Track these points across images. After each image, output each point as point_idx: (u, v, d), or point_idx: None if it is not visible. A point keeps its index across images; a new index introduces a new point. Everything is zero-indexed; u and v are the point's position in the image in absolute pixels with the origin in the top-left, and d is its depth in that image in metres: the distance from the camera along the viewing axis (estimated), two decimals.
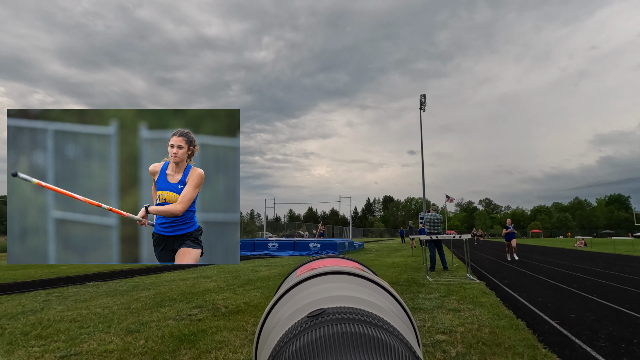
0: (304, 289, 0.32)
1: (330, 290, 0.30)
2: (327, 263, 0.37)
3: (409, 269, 9.17)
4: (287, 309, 0.29)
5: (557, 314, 4.20)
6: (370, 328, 0.23)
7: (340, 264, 0.37)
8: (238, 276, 7.57)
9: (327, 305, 0.27)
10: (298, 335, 0.23)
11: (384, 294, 0.32)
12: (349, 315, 0.25)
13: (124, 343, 3.01)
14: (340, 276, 0.33)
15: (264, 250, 16.26)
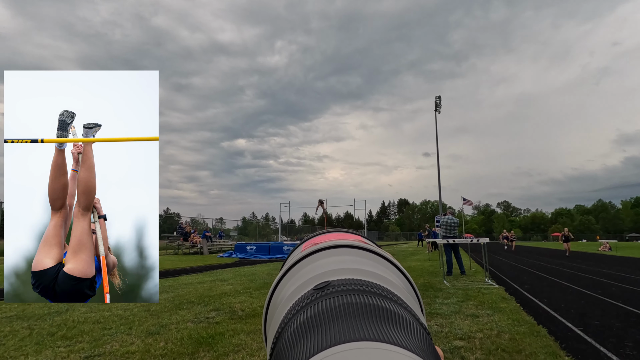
0: (309, 262, 0.32)
1: (335, 264, 0.30)
2: (331, 237, 0.38)
3: (425, 273, 9.05)
4: (293, 283, 0.30)
5: (580, 321, 4.08)
6: (375, 298, 0.23)
7: (344, 238, 0.37)
8: (254, 279, 7.64)
9: (332, 278, 0.27)
10: (305, 307, 0.24)
11: (388, 266, 0.32)
12: (354, 286, 0.25)
13: (144, 345, 3.09)
14: (344, 249, 0.33)
15: (279, 253, 16.34)
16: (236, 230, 36.10)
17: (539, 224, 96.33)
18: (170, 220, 40.17)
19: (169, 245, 20.34)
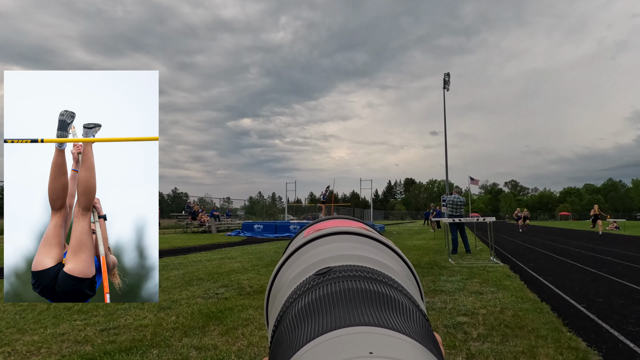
0: (310, 249, 0.32)
1: (336, 250, 0.30)
2: (333, 224, 0.38)
3: (430, 251, 9.13)
4: (295, 269, 0.30)
5: (584, 298, 4.11)
6: (376, 284, 0.24)
7: (345, 225, 0.37)
8: (261, 257, 7.79)
9: (333, 264, 0.28)
10: (306, 292, 0.24)
11: (389, 252, 0.33)
12: (355, 272, 0.25)
13: (157, 318, 3.21)
14: (346, 236, 0.33)
15: (285, 232, 16.56)
16: (243, 210, 36.54)
17: (546, 203, 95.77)
18: (179, 200, 40.72)
19: (178, 224, 20.71)
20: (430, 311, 3.46)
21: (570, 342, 2.63)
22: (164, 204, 43.43)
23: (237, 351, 2.48)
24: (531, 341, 2.64)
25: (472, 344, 2.61)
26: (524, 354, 2.41)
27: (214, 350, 2.48)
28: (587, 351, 2.47)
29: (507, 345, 2.58)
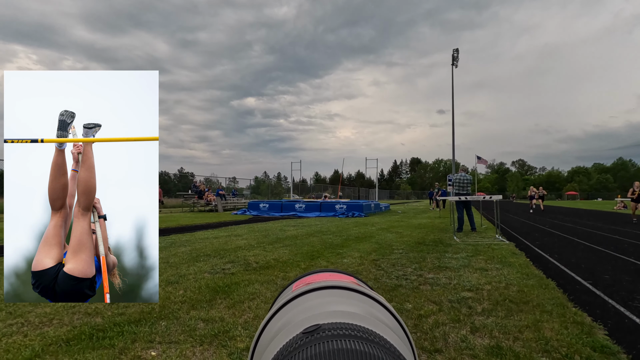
0: (299, 304, 0.32)
1: (325, 305, 0.30)
2: (323, 277, 0.37)
3: (435, 229, 9.15)
4: (283, 325, 0.29)
5: (590, 275, 4.10)
6: (366, 344, 0.23)
7: (336, 278, 0.37)
8: (267, 235, 7.87)
9: (322, 321, 0.27)
10: (293, 352, 0.23)
11: (380, 309, 0.32)
12: (345, 331, 0.24)
13: (165, 292, 3.26)
14: (336, 291, 0.33)
15: (291, 211, 16.68)
16: (249, 190, 36.76)
17: (554, 182, 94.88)
18: (185, 180, 41.00)
19: (185, 203, 20.93)
20: (434, 287, 3.47)
21: (576, 317, 2.63)
22: (171, 183, 43.81)
23: (243, 323, 2.52)
24: (536, 316, 2.64)
25: (477, 318, 2.62)
26: (529, 328, 2.42)
27: (220, 322, 2.53)
28: (592, 326, 2.47)
29: (511, 319, 2.59)
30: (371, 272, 4.15)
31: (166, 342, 2.21)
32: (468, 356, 2.02)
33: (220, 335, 2.31)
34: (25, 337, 2.27)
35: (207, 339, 2.25)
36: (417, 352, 0.32)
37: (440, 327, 2.45)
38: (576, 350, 2.07)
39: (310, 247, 6.10)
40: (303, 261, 4.77)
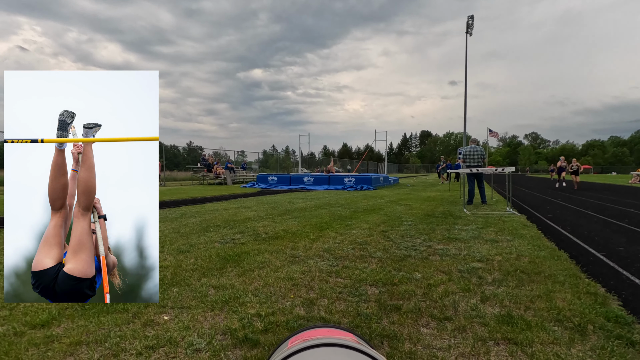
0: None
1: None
2: (321, 333, 0.35)
3: (445, 202, 9.08)
4: None
5: (604, 247, 4.03)
6: None
7: (334, 335, 0.35)
8: (276, 207, 7.92)
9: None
10: None
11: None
12: None
13: (176, 261, 3.31)
14: (334, 349, 0.31)
15: (299, 184, 16.73)
16: (257, 163, 36.86)
17: (567, 156, 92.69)
18: (194, 153, 41.21)
19: (194, 176, 21.12)
20: (444, 257, 3.46)
21: (589, 287, 2.59)
22: (180, 157, 44.13)
23: (253, 290, 2.55)
24: (548, 286, 2.61)
25: (487, 287, 2.61)
26: (540, 297, 2.39)
27: (231, 289, 2.56)
28: (606, 296, 2.43)
29: (522, 289, 2.56)
30: (380, 243, 4.14)
31: (178, 307, 2.25)
32: (478, 324, 2.01)
33: (231, 301, 2.34)
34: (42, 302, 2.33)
35: (218, 304, 2.28)
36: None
37: (449, 296, 2.44)
38: (589, 320, 2.04)
39: (318, 218, 6.12)
40: (312, 232, 4.79)
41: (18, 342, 1.80)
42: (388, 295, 2.47)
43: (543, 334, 1.87)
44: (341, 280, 2.79)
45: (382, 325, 2.00)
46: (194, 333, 1.90)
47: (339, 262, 3.31)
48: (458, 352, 1.72)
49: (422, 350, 1.74)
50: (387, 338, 1.85)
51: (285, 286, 2.64)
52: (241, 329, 1.94)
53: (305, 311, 2.20)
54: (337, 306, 2.28)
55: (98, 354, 1.68)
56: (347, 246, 3.95)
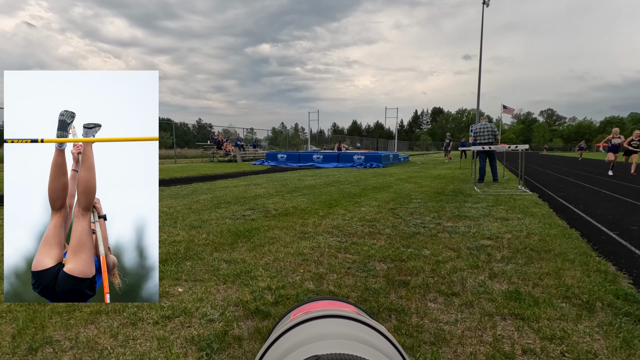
0: (297, 333, 0.31)
1: (324, 336, 0.29)
2: (323, 305, 0.37)
3: (455, 180, 9.00)
4: (280, 355, 0.29)
5: (617, 226, 3.98)
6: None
7: (336, 307, 0.36)
8: (285, 184, 7.96)
9: (321, 352, 0.26)
10: None
11: (380, 339, 0.31)
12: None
13: (189, 236, 3.39)
14: (335, 320, 0.32)
15: (308, 162, 16.72)
16: (267, 141, 36.82)
17: (583, 134, 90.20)
18: (204, 130, 41.32)
19: (204, 153, 21.27)
20: (453, 235, 3.46)
21: (599, 265, 2.58)
22: (190, 134, 44.31)
23: (264, 264, 2.61)
24: (557, 264, 2.61)
25: (496, 264, 2.62)
26: (549, 275, 2.40)
27: (242, 263, 2.62)
28: (616, 274, 2.42)
29: (531, 266, 2.57)
30: (389, 220, 4.16)
31: (192, 280, 2.32)
32: (485, 300, 2.03)
33: (243, 275, 2.40)
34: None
35: (230, 278, 2.35)
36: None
37: (458, 272, 2.46)
38: (598, 297, 2.04)
39: (328, 196, 6.15)
40: (321, 209, 4.83)
41: (42, 310, 1.89)
42: (396, 271, 2.50)
43: (550, 310, 1.89)
44: (350, 256, 2.83)
45: (389, 300, 2.04)
46: (207, 304, 1.97)
47: (347, 238, 3.35)
48: (465, 326, 1.76)
49: (429, 324, 1.78)
50: (395, 312, 1.90)
51: (295, 261, 2.69)
52: (252, 301, 2.01)
53: (315, 285, 2.25)
54: (346, 281, 2.32)
55: (117, 323, 1.77)
56: (356, 223, 3.98)
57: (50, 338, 1.63)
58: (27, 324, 1.74)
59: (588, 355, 1.50)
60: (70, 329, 1.71)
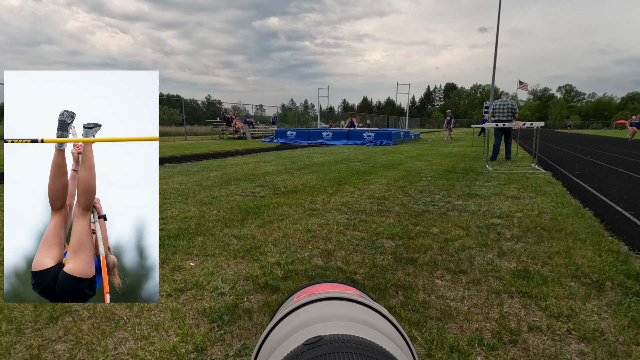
0: (301, 315, 0.32)
1: (327, 317, 0.30)
2: (326, 288, 0.38)
3: (467, 158, 8.87)
4: (284, 336, 0.30)
5: (632, 206, 3.90)
6: (367, 359, 0.23)
7: (338, 290, 0.37)
8: (294, 161, 7.96)
9: (324, 333, 0.27)
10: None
11: (382, 321, 0.32)
12: (347, 343, 0.25)
13: (200, 212, 3.45)
14: (338, 302, 0.33)
15: (318, 139, 16.62)
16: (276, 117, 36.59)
17: (602, 110, 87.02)
18: (213, 107, 41.23)
19: (214, 130, 21.30)
20: (463, 213, 3.44)
21: (612, 245, 2.54)
22: (200, 111, 44.28)
23: (273, 240, 2.65)
24: (568, 243, 2.59)
25: (505, 243, 2.61)
26: (559, 254, 2.38)
27: (252, 239, 2.67)
28: (628, 254, 2.39)
29: (541, 245, 2.55)
30: (398, 198, 4.15)
31: (203, 254, 2.38)
32: (493, 278, 2.04)
33: (252, 250, 2.45)
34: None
35: (240, 253, 2.40)
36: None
37: (466, 250, 2.46)
38: (608, 277, 2.03)
39: (337, 173, 6.14)
40: (330, 186, 4.83)
41: None
42: (404, 248, 2.51)
43: (559, 289, 1.89)
44: (358, 233, 2.85)
45: (397, 276, 2.06)
46: (218, 278, 2.02)
47: (356, 216, 3.36)
48: (471, 303, 1.77)
49: (435, 300, 1.80)
50: (402, 288, 1.92)
51: (304, 238, 2.73)
52: (262, 275, 2.05)
53: (323, 261, 2.28)
54: (354, 257, 2.35)
55: None
56: (365, 201, 3.98)
57: (69, 308, 1.71)
58: None
59: (594, 334, 1.50)
60: None
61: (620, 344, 1.45)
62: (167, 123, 31.12)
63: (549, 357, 1.37)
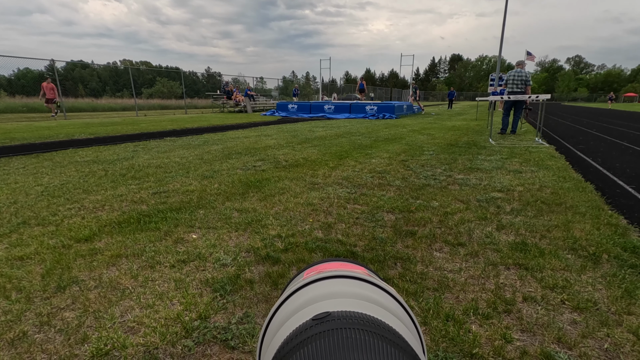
0: (309, 291, 0.33)
1: (336, 294, 0.31)
2: (335, 266, 0.38)
3: (470, 131, 8.77)
4: (293, 311, 0.30)
5: (634, 180, 3.88)
6: (375, 336, 0.24)
7: (347, 268, 0.37)
8: (296, 135, 7.90)
9: (332, 309, 0.28)
10: (303, 342, 0.24)
11: (390, 300, 0.32)
12: (354, 320, 0.25)
13: (201, 185, 3.47)
14: (347, 280, 0.33)
15: (320, 112, 16.40)
16: (277, 90, 35.95)
17: (611, 83, 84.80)
18: (213, 80, 40.48)
19: (214, 103, 21.02)
20: (463, 187, 3.45)
21: (611, 219, 2.56)
22: (200, 84, 43.52)
23: (274, 214, 2.67)
24: (567, 217, 2.60)
25: (504, 217, 2.62)
26: (558, 227, 2.40)
27: (253, 212, 2.69)
28: (627, 228, 2.41)
29: (540, 219, 2.57)
30: (399, 172, 4.14)
31: (205, 227, 2.41)
32: (491, 250, 2.07)
33: (254, 223, 2.48)
34: (83, 220, 2.55)
35: (242, 226, 2.43)
36: (425, 345, 0.33)
37: (465, 223, 2.48)
38: (605, 250, 2.05)
39: (338, 147, 6.10)
40: (331, 160, 4.82)
41: (67, 253, 2.01)
42: (404, 221, 2.54)
43: (555, 261, 1.92)
44: (359, 207, 2.87)
45: (396, 249, 2.09)
46: (220, 250, 2.06)
47: (357, 189, 3.37)
48: (468, 274, 1.81)
49: (433, 271, 1.83)
50: (401, 260, 1.95)
51: (305, 211, 2.75)
52: (263, 248, 2.09)
53: (323, 234, 2.31)
54: (354, 230, 2.38)
55: (136, 266, 1.88)
56: (366, 175, 3.98)
57: (76, 278, 1.75)
58: (54, 265, 1.86)
59: (587, 304, 1.54)
60: (94, 270, 1.83)
61: (612, 313, 1.49)
62: (166, 96, 30.67)
63: (541, 326, 1.41)
